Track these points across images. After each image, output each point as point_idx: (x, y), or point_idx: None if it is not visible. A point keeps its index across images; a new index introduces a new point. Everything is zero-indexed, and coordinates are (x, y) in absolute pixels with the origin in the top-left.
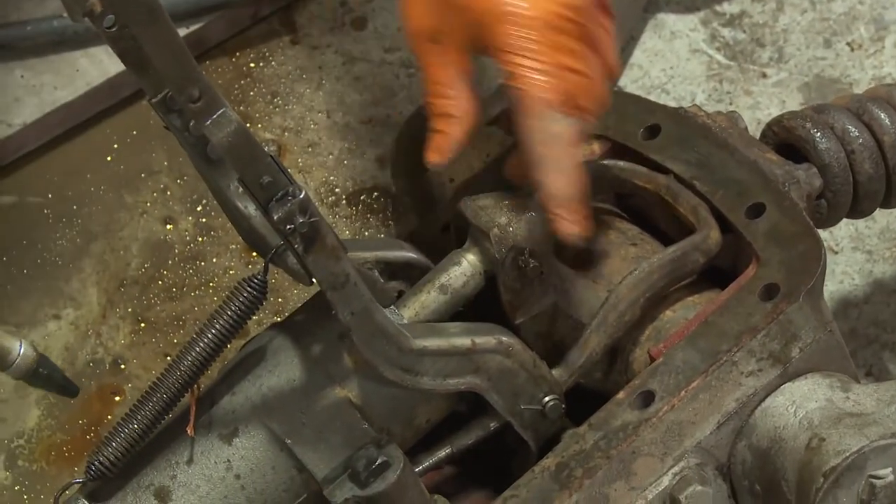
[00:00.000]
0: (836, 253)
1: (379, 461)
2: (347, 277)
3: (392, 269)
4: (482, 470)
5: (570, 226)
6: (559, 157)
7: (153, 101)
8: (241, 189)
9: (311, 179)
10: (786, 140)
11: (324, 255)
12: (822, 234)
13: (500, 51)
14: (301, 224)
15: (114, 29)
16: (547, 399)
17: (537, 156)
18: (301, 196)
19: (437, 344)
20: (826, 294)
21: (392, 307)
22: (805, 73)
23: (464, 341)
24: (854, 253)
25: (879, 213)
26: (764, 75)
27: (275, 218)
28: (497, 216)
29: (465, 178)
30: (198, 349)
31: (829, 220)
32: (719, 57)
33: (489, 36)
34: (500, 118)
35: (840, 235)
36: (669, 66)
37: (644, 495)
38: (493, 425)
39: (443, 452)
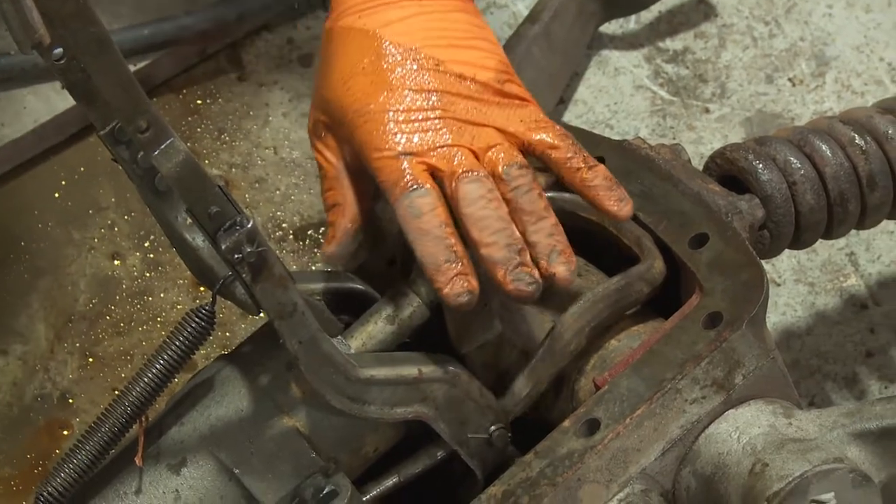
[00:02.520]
0: (779, 285)
1: (326, 490)
2: (295, 307)
3: (340, 301)
4: (431, 499)
5: (454, 288)
6: (425, 228)
7: (101, 133)
8: (189, 220)
9: (258, 214)
10: (728, 171)
11: (271, 284)
12: (765, 266)
13: (358, 147)
14: (249, 253)
15: (62, 61)
16: (493, 428)
17: (409, 232)
18: (249, 225)
19: (384, 373)
20: (769, 325)
21: (339, 337)
22: (747, 109)
23: (411, 370)
24: (796, 285)
25: (821, 246)
26: (707, 110)
27: (223, 247)
28: None
29: None
30: (146, 379)
31: (772, 251)
32: (662, 93)
33: (348, 133)
34: None
35: (782, 268)
36: (613, 101)
37: None
38: (440, 454)
39: (390, 481)
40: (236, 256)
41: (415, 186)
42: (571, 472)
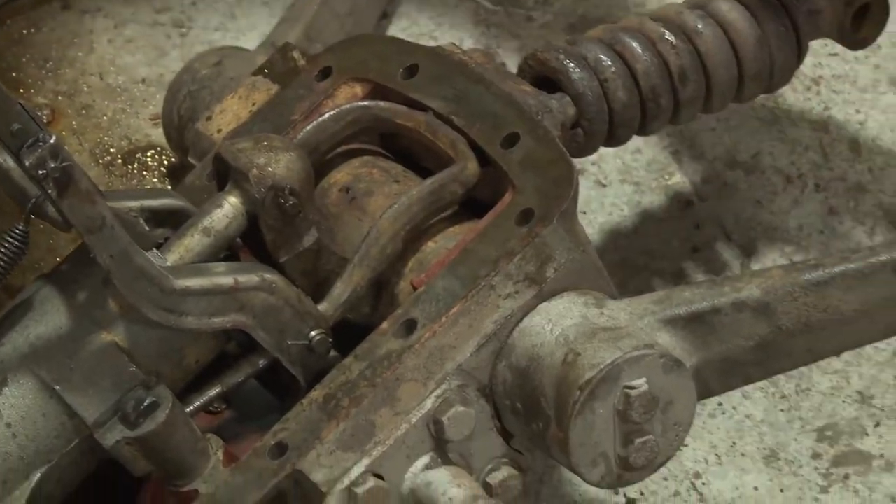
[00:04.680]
0: (605, 186)
1: (148, 402)
2: (104, 220)
3: (158, 218)
4: (263, 414)
5: None
6: None
7: None
8: None
9: (85, 141)
10: (541, 72)
11: (78, 199)
12: (592, 167)
13: None
14: (53, 169)
15: None
16: (313, 334)
17: None
18: (52, 141)
19: (199, 283)
20: (596, 225)
21: (154, 251)
22: (570, 15)
23: (227, 280)
24: (622, 185)
25: (646, 146)
26: (530, 18)
27: (26, 164)
28: (256, 157)
29: (231, 127)
30: None
31: (587, 148)
32: (486, 3)
33: None
34: (265, 67)
35: (608, 168)
36: (437, 13)
37: (408, 419)
38: (261, 362)
39: (213, 391)
40: (41, 172)
41: None
42: (390, 373)
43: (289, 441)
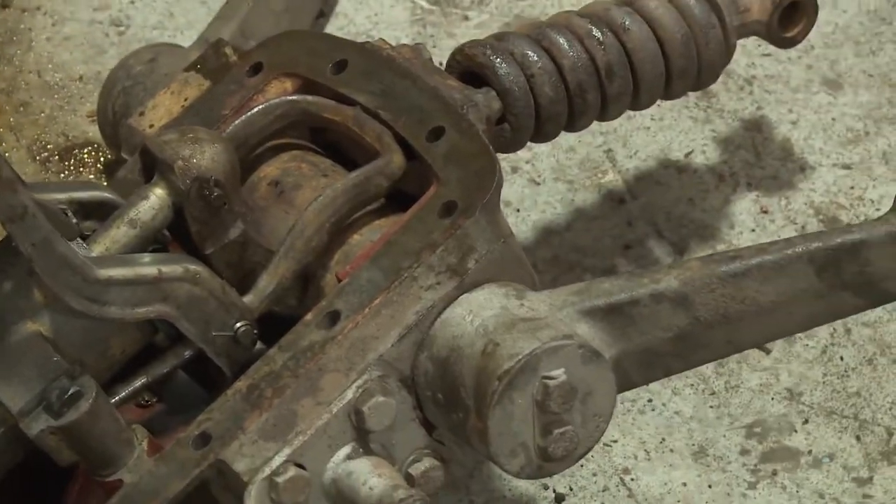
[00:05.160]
0: (539, 184)
1: (72, 391)
2: (25, 209)
3: (86, 210)
4: (194, 407)
5: None
6: None
7: None
8: None
9: (22, 137)
10: (468, 67)
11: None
12: (526, 166)
13: None
14: None
15: None
16: (238, 325)
17: None
18: None
19: (122, 273)
20: (530, 223)
21: (79, 241)
22: (506, 15)
23: (150, 270)
24: (556, 183)
25: (579, 145)
26: (466, 18)
27: None
28: (181, 149)
29: (163, 122)
30: None
31: (515, 143)
32: (422, 2)
33: None
34: (198, 63)
35: (542, 167)
36: (374, 13)
37: (330, 409)
38: (187, 353)
39: (139, 382)
40: None
41: None
42: (313, 363)
43: (212, 431)
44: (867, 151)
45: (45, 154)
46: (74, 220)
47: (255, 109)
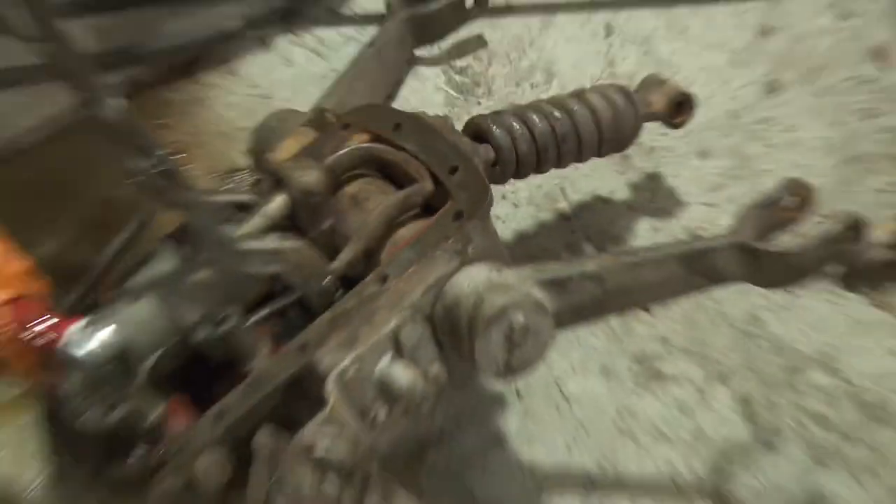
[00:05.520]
0: (518, 206)
1: (224, 315)
2: (196, 203)
3: (239, 207)
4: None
5: None
6: None
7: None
8: None
9: (202, 165)
10: (476, 131)
11: (178, 188)
12: (511, 195)
13: None
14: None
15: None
16: (326, 280)
17: None
18: (161, 153)
19: (257, 246)
20: (510, 231)
21: (231, 224)
22: (503, 101)
23: (273, 244)
24: (528, 206)
25: (544, 182)
26: (479, 103)
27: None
28: (296, 172)
29: (288, 156)
30: None
31: (502, 179)
32: (452, 92)
33: None
34: (311, 122)
35: (521, 197)
36: (421, 98)
37: (379, 332)
38: (293, 297)
39: (264, 311)
40: (154, 170)
41: None
42: (371, 305)
43: (308, 343)
44: (721, 196)
45: (216, 174)
46: (230, 212)
47: (343, 151)
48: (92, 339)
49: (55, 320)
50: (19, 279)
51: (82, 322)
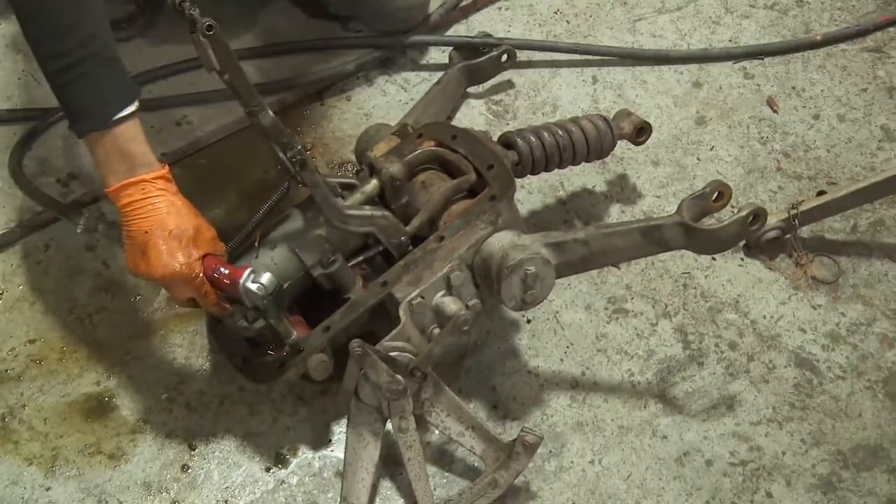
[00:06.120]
0: (531, 193)
1: (332, 259)
2: (318, 182)
3: (345, 187)
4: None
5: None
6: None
7: (245, 110)
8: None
9: (322, 159)
10: (506, 142)
11: (307, 172)
12: (527, 186)
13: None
14: (297, 158)
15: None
16: (402, 238)
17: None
18: (298, 147)
19: (357, 213)
20: (525, 210)
21: (340, 199)
22: (524, 123)
23: (368, 212)
24: (538, 194)
25: (549, 177)
26: (508, 124)
27: (287, 156)
28: (385, 164)
29: (380, 154)
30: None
31: (521, 175)
32: (490, 116)
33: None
34: (397, 132)
35: (532, 187)
36: (470, 119)
37: (435, 274)
38: (380, 248)
39: (360, 258)
40: (292, 160)
41: None
42: (430, 256)
43: (388, 280)
44: (668, 192)
45: (332, 166)
46: (340, 190)
47: (417, 152)
48: (261, 279)
49: (228, 271)
50: (209, 242)
51: (249, 270)
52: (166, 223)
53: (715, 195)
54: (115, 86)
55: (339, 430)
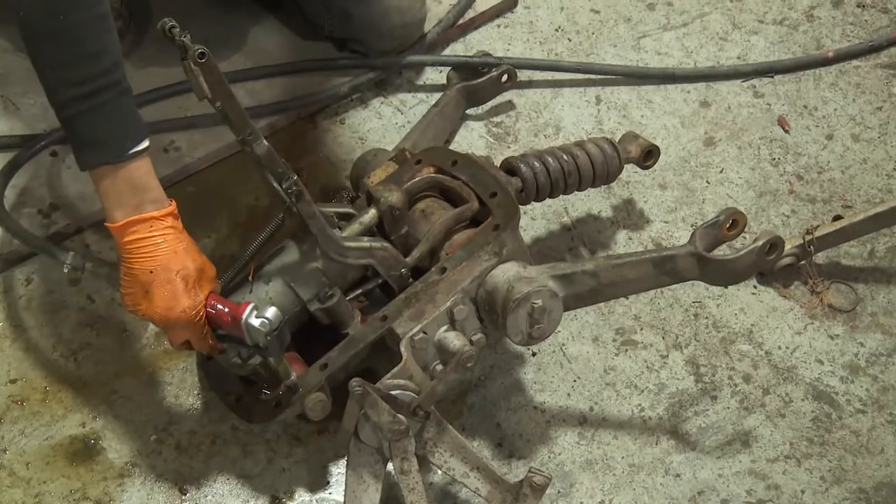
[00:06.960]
0: (534, 220)
1: (329, 293)
2: (315, 213)
3: (341, 217)
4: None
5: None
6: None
7: (237, 138)
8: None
9: (316, 185)
10: (509, 167)
11: (304, 203)
12: (530, 212)
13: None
14: (293, 189)
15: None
16: (403, 271)
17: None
18: (294, 178)
19: (355, 244)
20: (529, 237)
21: (337, 229)
22: (526, 147)
23: (366, 244)
24: (542, 220)
25: (554, 203)
26: (509, 147)
27: (283, 187)
28: (383, 193)
29: (377, 181)
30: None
31: (527, 202)
32: (491, 139)
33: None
34: (394, 157)
35: (536, 213)
36: (469, 143)
37: (439, 308)
38: (379, 281)
39: (358, 291)
40: (288, 190)
41: None
42: (432, 289)
43: (388, 315)
44: (677, 217)
45: (328, 193)
46: (337, 220)
47: (416, 179)
48: (266, 314)
49: (228, 308)
50: (211, 282)
51: (252, 305)
52: (172, 264)
53: (729, 223)
54: (134, 118)
55: (338, 471)
